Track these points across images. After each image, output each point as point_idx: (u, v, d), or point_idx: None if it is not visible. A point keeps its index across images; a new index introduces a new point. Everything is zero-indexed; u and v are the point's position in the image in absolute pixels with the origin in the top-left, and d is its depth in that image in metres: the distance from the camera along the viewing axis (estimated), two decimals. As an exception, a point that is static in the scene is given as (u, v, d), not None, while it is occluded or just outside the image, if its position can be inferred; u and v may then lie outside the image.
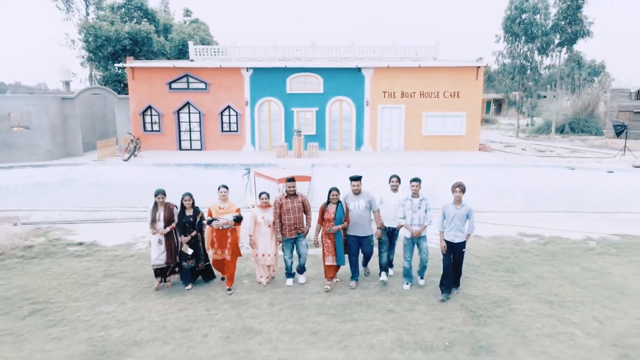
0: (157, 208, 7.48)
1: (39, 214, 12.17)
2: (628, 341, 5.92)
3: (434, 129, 22.86)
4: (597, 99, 37.82)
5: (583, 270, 8.38)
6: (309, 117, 23.37)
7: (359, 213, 7.49)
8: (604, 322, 6.43)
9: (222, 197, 7.61)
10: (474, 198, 13.85)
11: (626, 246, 9.66)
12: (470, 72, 22.58)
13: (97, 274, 8.20)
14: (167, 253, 7.46)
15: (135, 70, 22.87)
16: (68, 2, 49.23)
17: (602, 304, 7.00)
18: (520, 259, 8.94)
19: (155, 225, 7.41)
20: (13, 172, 18.26)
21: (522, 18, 33.27)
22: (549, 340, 5.96)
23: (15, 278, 7.98)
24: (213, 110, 23.31)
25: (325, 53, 26.87)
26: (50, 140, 20.20)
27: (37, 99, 20.12)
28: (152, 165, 19.37)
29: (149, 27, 34.07)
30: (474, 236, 9.96)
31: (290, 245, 7.66)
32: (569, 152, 24.38)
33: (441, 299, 7.07)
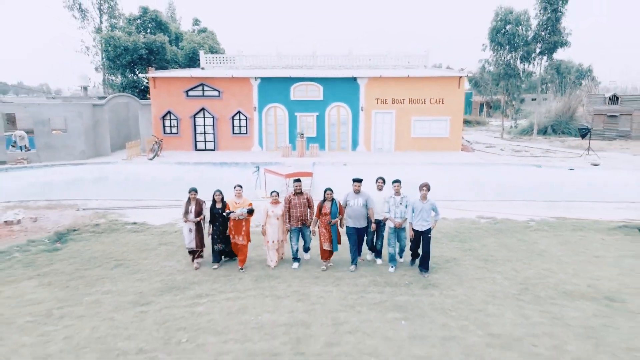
0: (190, 202, 9.12)
1: (92, 203, 14.83)
2: (530, 281, 8.58)
3: (421, 132, 25.54)
4: (576, 102, 40.43)
5: (518, 240, 11.03)
6: (310, 121, 26.04)
7: (357, 209, 8.95)
8: (519, 271, 9.09)
9: (237, 194, 9.19)
10: (450, 190, 16.59)
11: (557, 225, 12.33)
12: (453, 81, 25.24)
13: (153, 243, 10.87)
14: (196, 239, 9.11)
15: (156, 80, 25.56)
16: (83, 12, 51.97)
17: (523, 261, 9.66)
18: (473, 233, 11.59)
19: (188, 216, 9.04)
20: (55, 169, 20.94)
21: (506, 29, 35.93)
22: (477, 281, 8.61)
23: (94, 245, 10.65)
24: (225, 115, 25.99)
25: (325, 61, 29.65)
26: (84, 142, 22.88)
27: (73, 105, 22.80)
28: (175, 163, 22.05)
29: (163, 37, 36.73)
30: (442, 218, 12.60)
31: (296, 233, 9.27)
32: (542, 152, 27.03)
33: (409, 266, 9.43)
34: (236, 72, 26.21)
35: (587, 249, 10.44)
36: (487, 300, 7.75)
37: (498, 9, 36.29)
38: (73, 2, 51.59)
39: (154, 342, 6.43)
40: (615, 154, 26.51)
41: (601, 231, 11.74)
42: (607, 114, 34.62)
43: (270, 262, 9.33)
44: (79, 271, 9.08)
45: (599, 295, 7.94)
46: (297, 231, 9.32)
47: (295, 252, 9.40)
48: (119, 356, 6.10)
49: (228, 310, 7.42)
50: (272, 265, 9.28)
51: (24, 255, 9.91)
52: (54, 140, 22.49)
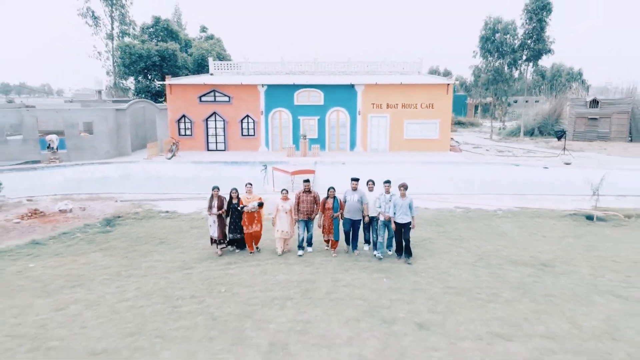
0: (212, 198, 10.64)
1: (126, 196, 17.14)
2: (486, 254, 10.88)
3: (413, 134, 27.85)
4: (562, 105, 42.69)
5: (484, 225, 13.34)
6: (312, 124, 28.34)
7: (353, 204, 10.54)
8: (480, 247, 11.40)
9: (248, 191, 10.88)
10: (435, 185, 18.87)
11: (519, 213, 14.64)
12: (442, 88, 27.56)
13: (185, 227, 13.18)
14: (219, 230, 10.65)
15: (172, 87, 27.88)
16: (96, 19, 54.37)
17: (485, 240, 11.96)
18: (448, 220, 13.90)
19: (211, 210, 10.67)
20: (85, 167, 23.25)
21: (494, 38, 38.25)
22: (445, 254, 10.90)
23: (137, 229, 12.97)
24: (235, 118, 28.30)
25: (325, 67, 32.06)
26: (108, 143, 25.20)
27: (99, 111, 25.13)
28: (190, 162, 24.37)
29: (174, 45, 39.05)
30: (424, 208, 14.92)
31: (303, 224, 10.79)
32: (524, 152, 29.32)
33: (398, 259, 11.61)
34: (245, 80, 28.50)
35: (538, 231, 12.75)
36: (450, 266, 10.06)
37: (487, 19, 38.59)
38: (86, 10, 53.98)
39: (201, 292, 8.75)
40: (592, 154, 28.75)
41: (554, 218, 14.05)
42: (588, 117, 36.88)
43: (278, 250, 10.89)
44: (131, 246, 11.41)
45: (537, 263, 10.25)
46: (304, 223, 10.86)
47: (301, 241, 10.92)
48: (178, 299, 8.41)
49: (252, 272, 9.74)
50: (279, 252, 10.81)
51: (84, 235, 12.24)
52: (81, 141, 24.82)
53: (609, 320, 7.60)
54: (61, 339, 7.04)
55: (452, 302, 8.29)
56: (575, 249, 11.22)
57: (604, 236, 12.25)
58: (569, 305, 8.14)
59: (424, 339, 7.03)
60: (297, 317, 7.72)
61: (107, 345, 6.84)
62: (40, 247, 11.36)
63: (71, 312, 7.91)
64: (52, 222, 13.47)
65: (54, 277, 9.42)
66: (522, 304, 8.21)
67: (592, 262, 10.28)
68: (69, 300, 8.39)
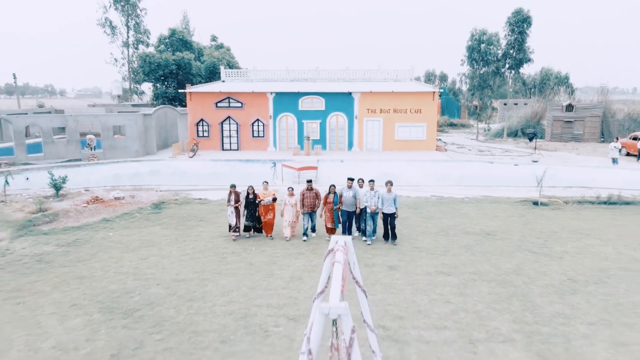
0: (231, 193, 13.02)
1: (163, 187, 20.60)
2: (447, 227, 14.30)
3: (403, 135, 31.29)
4: (542, 109, 46.08)
5: (451, 208, 16.78)
6: (314, 126, 31.79)
7: (348, 198, 12.80)
8: (444, 222, 14.83)
9: (265, 187, 13.43)
10: (419, 179, 22.27)
11: (481, 200, 18.09)
12: (429, 95, 31.00)
13: (216, 209, 16.62)
14: (235, 219, 13.27)
15: (192, 94, 31.36)
16: (113, 29, 57.94)
17: (448, 218, 15.38)
18: (423, 204, 17.34)
19: (229, 203, 13.13)
20: (120, 164, 26.72)
21: (480, 48, 41.68)
22: (417, 227, 14.33)
23: (180, 211, 16.42)
24: (246, 121, 31.76)
25: (326, 75, 35.56)
26: (138, 144, 28.67)
27: (130, 115, 28.61)
28: (210, 160, 27.83)
29: (189, 55, 42.53)
30: (406, 196, 18.36)
31: (307, 216, 13.06)
32: (502, 151, 32.72)
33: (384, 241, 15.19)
34: (255, 88, 31.95)
35: (492, 212, 16.20)
36: (418, 235, 13.51)
37: (473, 31, 42.05)
38: (105, 21, 57.55)
39: (238, 250, 12.22)
40: (563, 154, 32.15)
41: (507, 203, 17.50)
42: (564, 120, 40.28)
43: (286, 235, 13.14)
44: (179, 222, 14.88)
45: (483, 233, 13.70)
46: (308, 215, 13.15)
47: (305, 230, 13.18)
48: (223, 254, 11.87)
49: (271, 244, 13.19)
50: (287, 238, 13.10)
51: (141, 215, 15.73)
52: (115, 142, 28.30)
53: (519, 265, 11.06)
54: (152, 274, 10.52)
55: (415, 255, 11.75)
56: (515, 224, 14.67)
57: (541, 216, 15.70)
58: (495, 258, 11.60)
59: (392, 274, 10.49)
60: (307, 263, 11.19)
61: (183, 277, 10.32)
62: (110, 222, 14.85)
63: (152, 261, 11.39)
64: (112, 206, 16.95)
65: (131, 241, 12.91)
66: (463, 256, 11.67)
67: (523, 232, 13.74)
68: (148, 254, 11.88)
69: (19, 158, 25.69)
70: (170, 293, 9.48)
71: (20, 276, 10.37)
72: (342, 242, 4.71)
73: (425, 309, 8.72)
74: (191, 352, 7.26)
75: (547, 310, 8.66)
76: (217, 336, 7.75)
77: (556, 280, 10.12)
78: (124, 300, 9.12)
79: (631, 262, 11.12)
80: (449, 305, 8.88)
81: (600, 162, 27.08)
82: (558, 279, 10.19)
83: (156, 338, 7.69)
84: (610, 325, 8.07)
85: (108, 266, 11.03)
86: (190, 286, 9.84)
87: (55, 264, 11.11)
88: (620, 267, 10.82)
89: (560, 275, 10.37)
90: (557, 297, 9.26)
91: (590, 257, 11.52)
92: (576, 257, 11.58)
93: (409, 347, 7.42)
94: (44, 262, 11.24)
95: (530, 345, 7.47)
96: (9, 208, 15.89)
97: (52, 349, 7.35)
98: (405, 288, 9.73)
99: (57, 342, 7.55)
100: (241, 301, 9.08)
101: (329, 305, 3.63)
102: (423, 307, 8.80)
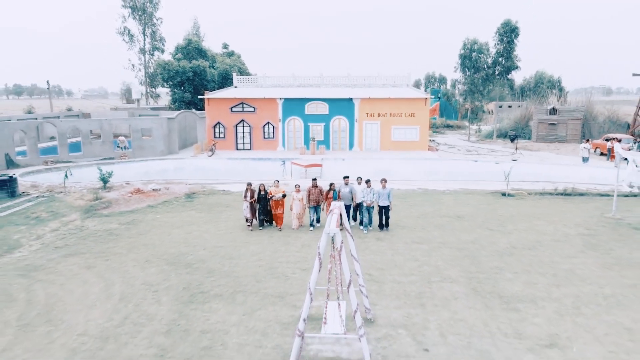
0: (247, 190, 15.24)
1: (190, 181, 23.91)
2: (427, 212, 17.50)
3: (399, 137, 34.49)
4: (530, 112, 49.09)
5: (433, 198, 19.99)
6: (319, 129, 35.03)
7: (346, 194, 15.05)
8: (425, 209, 18.04)
9: (276, 185, 15.52)
10: (410, 174, 25.46)
11: (459, 192, 21.27)
12: (422, 101, 34.19)
13: (239, 199, 19.77)
14: (250, 212, 16.27)
15: (210, 100, 34.70)
16: (131, 37, 61.42)
17: (429, 206, 18.58)
18: (410, 195, 20.55)
19: (245, 198, 15.59)
20: (148, 162, 30.05)
21: (471, 56, 44.82)
22: (402, 211, 17.53)
23: (208, 200, 19.71)
24: (258, 124, 35.06)
25: (330, 81, 38.83)
26: (163, 144, 32.02)
27: (156, 119, 31.97)
28: (226, 159, 31.14)
29: (205, 63, 45.87)
30: (397, 189, 21.55)
31: (312, 209, 15.40)
32: (488, 151, 35.82)
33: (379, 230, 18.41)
34: (266, 94, 35.21)
35: (465, 201, 19.39)
36: (402, 218, 16.72)
37: (465, 40, 45.18)
38: (123, 30, 61.06)
39: (258, 231, 15.49)
40: (545, 153, 35.20)
41: (481, 194, 20.69)
42: (548, 123, 43.33)
43: (294, 226, 15.43)
44: (210, 208, 18.18)
45: (455, 216, 16.88)
46: (313, 208, 15.46)
47: (312, 221, 15.50)
48: (250, 233, 15.14)
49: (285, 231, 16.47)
50: (295, 228, 15.38)
51: (178, 203, 19.05)
52: (143, 143, 31.67)
53: (476, 237, 14.27)
54: (197, 242, 13.82)
55: (398, 232, 14.98)
56: (482, 210, 17.88)
57: (505, 204, 18.89)
58: (459, 233, 14.81)
59: (378, 243, 13.73)
60: (314, 237, 14.46)
61: (222, 245, 13.62)
62: (154, 208, 18.18)
63: (195, 234, 14.69)
64: (152, 196, 20.28)
65: (175, 221, 16.22)
66: (435, 232, 14.89)
67: (487, 216, 16.94)
68: (190, 230, 15.19)
69: (62, 156, 29.07)
70: (214, 254, 12.78)
71: (100, 244, 13.72)
72: (338, 205, 8.05)
73: (400, 264, 11.98)
74: (237, 287, 10.55)
75: (487, 265, 11.90)
76: (252, 278, 11.03)
77: (501, 247, 13.34)
78: (182, 259, 12.43)
79: (562, 236, 14.33)
80: (417, 262, 12.14)
81: (572, 160, 30.18)
82: (503, 246, 13.42)
83: (210, 279, 10.99)
84: (528, 273, 11.30)
85: (163, 238, 14.35)
86: (227, 250, 13.14)
87: (123, 236, 14.45)
88: (553, 239, 14.02)
89: (505, 245, 13.59)
90: (498, 257, 12.50)
91: (533, 233, 14.73)
92: (522, 232, 14.80)
93: (385, 285, 10.68)
94: (114, 235, 14.58)
95: (469, 284, 10.71)
96: (71, 197, 19.22)
97: (142, 284, 10.66)
98: (387, 252, 12.99)
99: (144, 281, 10.87)
100: (267, 259, 12.38)
101: (328, 228, 6.96)
102: (398, 263, 12.06)
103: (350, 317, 7.94)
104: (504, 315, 9.09)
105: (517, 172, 24.91)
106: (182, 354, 7.74)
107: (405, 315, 9.11)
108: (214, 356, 7.69)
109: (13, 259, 12.37)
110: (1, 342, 8.14)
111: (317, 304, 8.77)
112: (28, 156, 28.06)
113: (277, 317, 9.03)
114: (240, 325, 8.72)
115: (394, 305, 9.56)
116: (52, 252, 12.97)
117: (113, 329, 8.58)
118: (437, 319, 8.97)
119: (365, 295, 8.93)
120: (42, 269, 11.59)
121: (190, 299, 9.87)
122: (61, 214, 16.75)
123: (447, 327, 8.66)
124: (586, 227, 15.28)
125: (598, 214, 16.97)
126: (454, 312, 9.26)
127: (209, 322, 8.85)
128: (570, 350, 7.82)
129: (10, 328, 8.64)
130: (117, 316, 9.10)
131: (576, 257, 12.44)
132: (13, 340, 8.21)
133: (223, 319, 8.98)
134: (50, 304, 9.66)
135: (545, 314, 9.14)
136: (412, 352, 7.81)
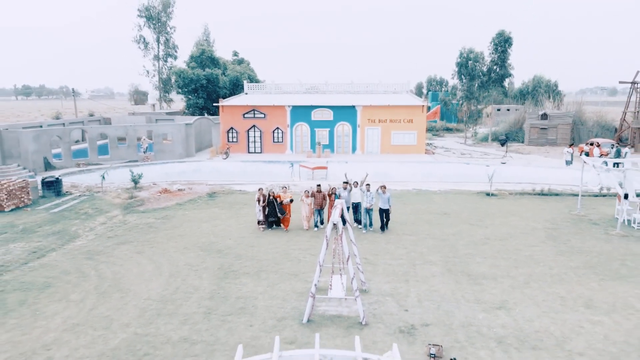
0: (259, 193, 19.60)
1: (210, 182, 26.52)
2: (419, 209, 20.02)
3: (397, 141, 36.98)
4: (524, 116, 51.37)
5: (425, 198, 22.47)
6: (324, 134, 37.58)
7: (345, 196, 17.10)
8: (417, 207, 20.55)
9: (284, 191, 18.17)
10: (406, 176, 27.98)
11: (449, 192, 23.73)
12: (419, 108, 36.67)
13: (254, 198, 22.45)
14: (263, 214, 19.52)
15: (224, 107, 37.35)
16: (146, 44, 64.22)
17: (422, 204, 21.08)
18: (405, 194, 23.04)
19: (258, 202, 19.85)
20: (168, 165, 32.70)
21: (467, 64, 47.21)
22: (396, 210, 20.00)
23: (228, 198, 22.30)
24: (268, 129, 37.66)
25: (334, 88, 41.41)
26: (181, 148, 34.68)
27: (175, 125, 34.65)
28: (240, 161, 33.76)
29: (217, 71, 48.54)
30: (393, 189, 24.05)
31: (317, 212, 17.57)
32: (481, 154, 38.22)
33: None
34: (276, 101, 37.81)
35: (454, 200, 21.86)
36: (396, 215, 19.22)
37: (462, 49, 47.58)
38: (139, 38, 63.91)
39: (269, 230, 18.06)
40: (534, 156, 37.56)
41: (468, 194, 23.16)
42: (540, 127, 45.65)
43: (304, 227, 17.42)
44: (231, 206, 20.77)
45: (442, 213, 19.39)
46: (317, 211, 17.38)
47: (316, 223, 17.40)
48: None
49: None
50: (305, 228, 17.42)
51: (202, 201, 21.66)
52: (164, 147, 34.36)
53: (458, 231, 16.76)
54: (223, 233, 16.41)
55: (392, 226, 17.46)
56: (466, 208, 20.36)
57: (488, 203, 21.35)
58: (444, 227, 17.29)
59: (374, 235, 16.26)
60: (320, 233, 17.00)
61: (244, 235, 16.21)
62: (182, 206, 20.81)
63: (220, 227, 17.29)
64: (178, 195, 22.92)
65: (202, 217, 18.83)
66: (423, 226, 17.40)
67: (470, 213, 19.42)
68: (216, 223, 17.79)
69: (92, 159, 31.79)
70: (239, 243, 15.37)
71: (144, 234, 16.36)
72: (341, 202, 10.64)
73: (391, 251, 14.52)
74: (260, 267, 13.12)
75: (462, 252, 14.41)
76: (271, 261, 13.61)
77: (477, 238, 15.85)
78: (212, 246, 15.03)
79: (530, 230, 16.81)
80: (405, 249, 14.67)
81: (557, 163, 32.56)
82: (479, 238, 15.92)
83: (238, 261, 13.58)
84: (494, 258, 13.81)
85: (194, 230, 16.96)
86: (249, 240, 15.73)
87: (161, 229, 17.08)
88: (522, 232, 16.50)
89: (481, 236, 16.09)
90: (473, 246, 15.01)
91: (506, 227, 17.22)
92: (497, 226, 17.29)
93: (379, 266, 13.22)
94: (153, 227, 17.22)
95: (445, 265, 13.23)
96: (108, 196, 21.89)
97: (185, 265, 13.27)
98: (381, 242, 15.53)
99: (186, 263, 13.48)
100: (282, 247, 14.96)
101: (333, 218, 9.54)
102: (390, 251, 14.60)
103: (349, 288, 10.49)
104: (469, 288, 11.61)
105: (504, 174, 27.35)
106: (224, 312, 10.32)
107: (392, 288, 11.65)
108: (248, 314, 10.26)
109: (77, 246, 15.02)
110: (89, 303, 10.76)
111: (324, 279, 11.32)
112: (63, 159, 30.80)
113: (293, 288, 11.60)
114: (266, 294, 11.30)
115: (384, 281, 12.10)
116: (106, 240, 15.61)
117: (169, 295, 11.18)
118: (416, 290, 11.51)
119: (361, 271, 11.48)
120: (102, 254, 14.23)
121: (224, 276, 12.46)
122: (105, 210, 19.41)
123: (423, 295, 11.19)
124: (552, 222, 17.75)
125: (566, 211, 19.43)
126: (430, 285, 11.79)
127: (242, 291, 11.44)
128: (514, 311, 10.34)
129: (91, 294, 11.26)
130: (170, 287, 11.70)
131: (537, 246, 14.93)
132: (96, 302, 10.83)
133: (252, 289, 11.57)
134: (116, 278, 12.28)
135: (501, 287, 11.65)
136: (395, 311, 10.35)
